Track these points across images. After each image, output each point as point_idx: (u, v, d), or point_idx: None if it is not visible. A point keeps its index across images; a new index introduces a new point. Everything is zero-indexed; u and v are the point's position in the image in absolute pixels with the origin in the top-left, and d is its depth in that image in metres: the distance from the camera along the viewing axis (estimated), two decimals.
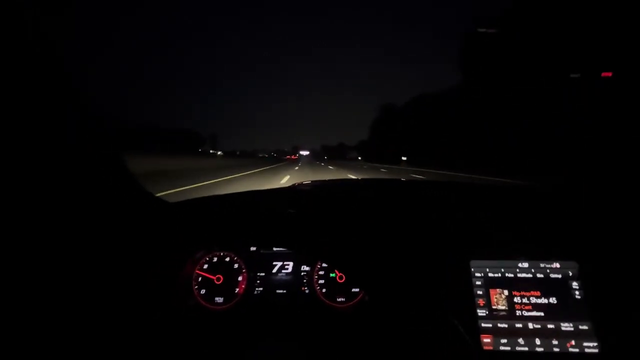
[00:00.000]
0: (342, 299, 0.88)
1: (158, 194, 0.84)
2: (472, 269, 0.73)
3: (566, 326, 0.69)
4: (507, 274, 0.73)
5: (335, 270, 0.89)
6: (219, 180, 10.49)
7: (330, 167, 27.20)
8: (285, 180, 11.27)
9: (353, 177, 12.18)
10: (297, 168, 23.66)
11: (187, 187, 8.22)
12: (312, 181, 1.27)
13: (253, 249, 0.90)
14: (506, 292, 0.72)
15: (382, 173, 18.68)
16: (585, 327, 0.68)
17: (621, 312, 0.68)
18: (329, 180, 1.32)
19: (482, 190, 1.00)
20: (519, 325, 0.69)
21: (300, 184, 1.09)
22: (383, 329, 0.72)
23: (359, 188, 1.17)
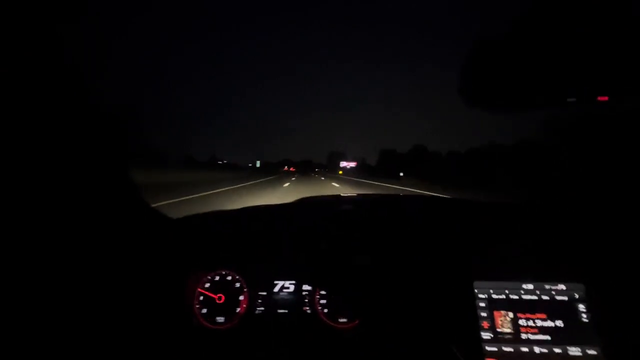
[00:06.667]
0: (344, 320, 0.86)
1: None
2: (475, 290, 0.72)
3: (574, 351, 0.67)
4: (511, 296, 0.72)
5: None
6: None
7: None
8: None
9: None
10: None
11: None
12: (318, 196, 1.27)
13: (254, 268, 0.89)
14: (511, 315, 0.71)
15: None
16: (593, 352, 0.67)
17: (631, 337, 0.66)
18: (332, 196, 1.32)
19: (485, 208, 1.00)
20: (524, 349, 0.68)
21: (306, 199, 1.10)
22: (385, 352, 0.70)
23: (359, 206, 1.17)
